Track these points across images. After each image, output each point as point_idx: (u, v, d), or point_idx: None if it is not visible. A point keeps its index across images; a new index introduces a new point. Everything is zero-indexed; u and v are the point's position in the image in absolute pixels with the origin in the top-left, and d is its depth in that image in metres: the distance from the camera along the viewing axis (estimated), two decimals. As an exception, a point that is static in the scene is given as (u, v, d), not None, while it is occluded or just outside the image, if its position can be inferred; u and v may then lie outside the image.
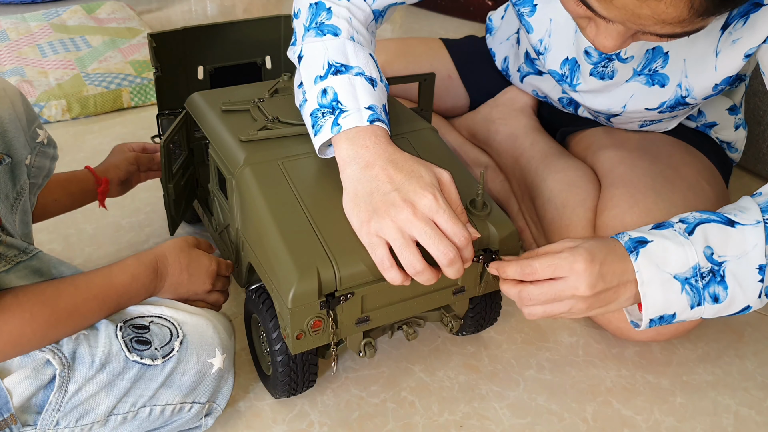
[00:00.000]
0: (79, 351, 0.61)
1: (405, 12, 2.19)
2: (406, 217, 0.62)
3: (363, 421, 0.75)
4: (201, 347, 0.67)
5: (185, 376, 0.66)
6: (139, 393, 0.64)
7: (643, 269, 0.67)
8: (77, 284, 0.63)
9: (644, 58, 0.80)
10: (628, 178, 0.87)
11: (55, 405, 0.60)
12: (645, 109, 0.86)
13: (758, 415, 0.78)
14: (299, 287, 0.62)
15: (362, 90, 0.69)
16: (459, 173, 0.75)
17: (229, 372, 0.70)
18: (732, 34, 0.71)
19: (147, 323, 0.66)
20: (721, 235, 0.67)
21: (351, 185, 0.66)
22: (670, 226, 0.69)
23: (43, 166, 0.76)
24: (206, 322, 0.68)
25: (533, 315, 0.69)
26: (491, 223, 0.70)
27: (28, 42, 1.64)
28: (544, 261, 0.66)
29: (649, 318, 0.69)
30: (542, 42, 0.91)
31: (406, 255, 0.62)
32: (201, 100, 0.83)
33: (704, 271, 0.67)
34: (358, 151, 0.66)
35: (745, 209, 0.69)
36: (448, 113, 1.21)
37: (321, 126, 0.68)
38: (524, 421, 0.76)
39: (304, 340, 0.66)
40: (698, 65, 0.76)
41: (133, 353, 0.63)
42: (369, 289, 0.66)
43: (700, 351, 0.86)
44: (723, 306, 0.68)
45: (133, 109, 1.45)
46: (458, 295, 0.73)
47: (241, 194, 0.72)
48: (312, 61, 0.72)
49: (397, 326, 0.77)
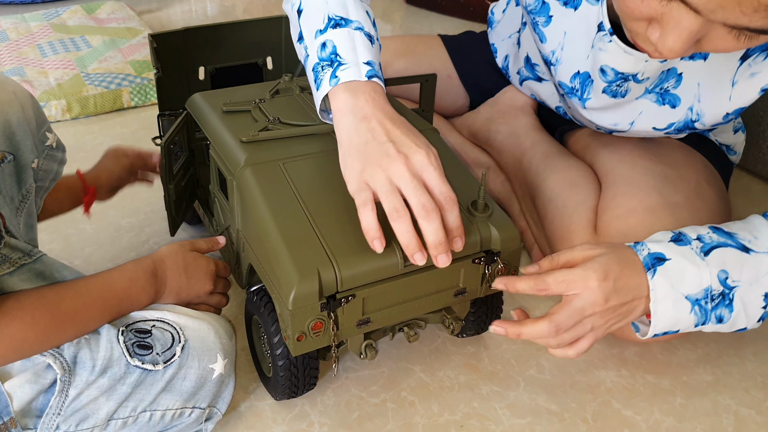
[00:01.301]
0: (80, 355, 0.61)
1: (405, 12, 2.19)
2: (396, 168, 0.62)
3: (363, 421, 0.75)
4: (202, 352, 0.66)
5: (186, 382, 0.66)
6: (139, 398, 0.64)
7: (659, 288, 0.67)
8: (78, 289, 0.63)
9: (657, 78, 0.79)
10: (630, 177, 0.87)
11: (56, 409, 0.60)
12: (652, 129, 0.85)
13: (758, 415, 0.78)
14: (300, 289, 0.62)
15: (361, 45, 0.69)
16: (460, 175, 0.75)
17: (229, 377, 0.70)
18: (751, 66, 0.69)
19: (149, 327, 0.66)
20: (737, 260, 0.68)
21: (346, 135, 0.65)
22: (688, 243, 0.69)
23: (51, 170, 0.76)
24: (208, 326, 0.68)
25: (562, 344, 0.68)
26: (493, 224, 0.70)
27: (28, 42, 1.64)
28: (558, 276, 0.66)
29: (655, 333, 0.70)
30: (554, 53, 0.90)
31: (390, 199, 0.61)
32: (202, 100, 0.83)
33: (715, 294, 0.68)
34: (357, 103, 0.66)
35: (759, 234, 0.69)
36: (449, 113, 1.21)
37: (321, 80, 0.68)
38: (524, 421, 0.76)
39: (304, 342, 0.66)
40: (713, 92, 0.74)
41: (134, 358, 0.63)
42: (370, 290, 0.66)
43: (700, 351, 0.86)
44: (724, 326, 0.70)
45: (133, 109, 1.45)
46: (459, 297, 0.73)
47: (242, 195, 0.72)
48: (312, 14, 0.71)
49: (398, 328, 0.77)
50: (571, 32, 0.87)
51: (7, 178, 0.68)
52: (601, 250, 0.69)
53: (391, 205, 0.61)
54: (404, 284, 0.67)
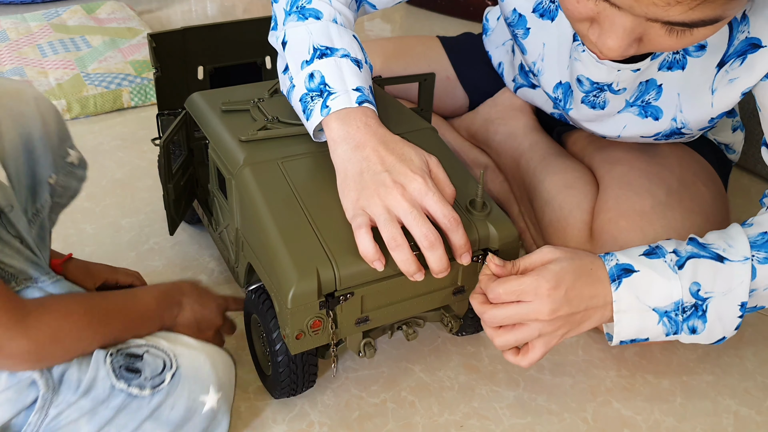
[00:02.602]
0: (67, 374, 0.59)
1: (405, 12, 2.19)
2: (394, 197, 0.62)
3: (363, 421, 0.75)
4: (194, 382, 0.63)
5: (174, 412, 0.62)
6: (122, 424, 0.60)
7: (623, 299, 0.67)
8: (104, 295, 0.65)
9: (637, 90, 0.79)
10: (625, 180, 0.87)
11: (34, 427, 0.58)
12: (641, 137, 0.85)
13: (758, 415, 0.78)
14: (299, 287, 0.62)
15: (349, 72, 0.69)
16: (459, 173, 0.75)
17: (223, 414, 0.66)
18: (729, 73, 0.69)
19: (141, 352, 0.63)
20: (710, 271, 0.67)
21: (341, 165, 0.66)
22: (662, 256, 0.68)
23: (70, 187, 0.75)
24: (205, 357, 0.65)
25: (505, 345, 0.68)
26: (491, 223, 0.70)
27: (28, 42, 1.64)
28: (508, 286, 0.65)
29: (620, 340, 0.69)
30: (536, 65, 0.91)
31: (389, 228, 0.62)
32: (201, 100, 0.83)
33: (687, 306, 0.67)
34: (350, 132, 0.66)
35: (734, 243, 0.68)
36: (447, 114, 1.21)
37: (311, 110, 0.69)
38: (524, 421, 0.76)
39: (303, 340, 0.66)
40: (694, 100, 0.74)
41: (120, 381, 0.60)
42: (368, 289, 0.66)
43: (700, 351, 0.86)
44: (699, 337, 0.69)
45: (133, 109, 1.45)
46: (458, 296, 0.73)
47: (241, 194, 0.72)
48: (297, 46, 0.72)
49: (396, 326, 0.77)
50: (549, 43, 0.87)
51: (23, 191, 0.67)
52: (559, 256, 0.68)
53: (389, 234, 0.62)
54: (402, 283, 0.67)
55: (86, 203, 1.11)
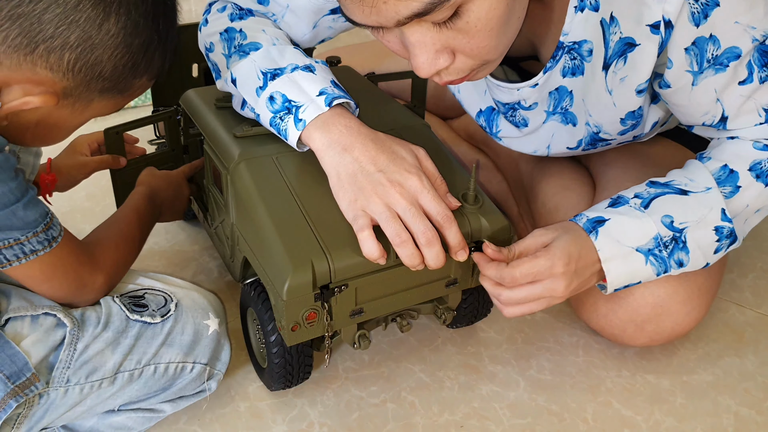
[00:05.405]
0: (86, 314, 0.66)
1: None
2: (393, 196, 0.64)
3: (363, 421, 0.75)
4: (195, 310, 0.70)
5: (184, 336, 0.69)
6: (142, 350, 0.67)
7: (605, 247, 0.69)
8: (124, 218, 0.75)
9: (550, 98, 0.79)
10: (620, 181, 0.87)
11: (66, 362, 0.63)
12: (566, 149, 0.85)
13: (758, 415, 0.78)
14: (294, 280, 0.62)
15: (305, 80, 0.70)
16: (451, 168, 0.75)
17: (224, 338, 0.73)
18: (617, 73, 0.70)
19: (141, 293, 0.70)
20: (678, 203, 0.70)
21: (333, 170, 0.67)
22: (626, 203, 0.71)
23: (27, 163, 0.76)
24: (197, 292, 0.73)
25: (514, 314, 0.70)
26: (483, 216, 0.70)
27: (27, 42, 1.64)
28: (524, 269, 0.67)
29: (615, 288, 0.71)
30: (456, 95, 0.91)
31: (392, 225, 0.63)
32: (195, 97, 0.84)
33: (666, 240, 0.69)
34: (333, 137, 0.67)
35: (694, 176, 0.71)
36: (446, 115, 1.21)
37: (285, 129, 0.69)
38: (524, 421, 0.76)
39: (299, 332, 0.66)
40: (597, 104, 0.75)
41: (133, 313, 0.67)
42: (363, 281, 0.66)
43: (700, 351, 0.86)
44: (687, 268, 0.71)
45: (132, 109, 1.45)
46: (451, 287, 0.73)
47: (236, 189, 0.72)
48: (246, 78, 0.72)
49: (391, 318, 0.77)
50: None
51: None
52: (554, 234, 0.70)
53: (393, 231, 0.63)
54: (396, 274, 0.68)
55: (86, 203, 1.11)
